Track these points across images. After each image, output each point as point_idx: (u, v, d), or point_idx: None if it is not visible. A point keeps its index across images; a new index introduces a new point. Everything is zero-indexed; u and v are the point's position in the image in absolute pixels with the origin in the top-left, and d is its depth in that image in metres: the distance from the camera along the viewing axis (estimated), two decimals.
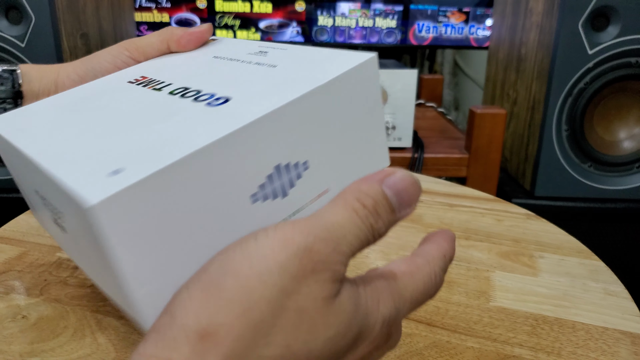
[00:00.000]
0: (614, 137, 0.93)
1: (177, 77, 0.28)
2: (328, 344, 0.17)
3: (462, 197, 0.57)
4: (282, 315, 0.16)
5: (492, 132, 0.93)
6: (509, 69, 1.08)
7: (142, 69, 0.31)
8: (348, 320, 0.18)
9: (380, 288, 0.20)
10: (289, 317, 0.16)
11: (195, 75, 0.27)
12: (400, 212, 0.20)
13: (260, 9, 1.25)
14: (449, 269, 0.41)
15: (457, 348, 0.31)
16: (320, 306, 0.17)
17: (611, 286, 0.39)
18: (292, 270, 0.16)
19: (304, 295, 0.17)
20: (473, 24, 1.27)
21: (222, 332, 0.15)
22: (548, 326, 0.34)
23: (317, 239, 0.17)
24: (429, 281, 0.21)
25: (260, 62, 0.27)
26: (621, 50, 0.85)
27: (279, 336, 0.16)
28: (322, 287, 0.17)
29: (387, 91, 0.93)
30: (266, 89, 0.23)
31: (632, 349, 0.32)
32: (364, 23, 1.27)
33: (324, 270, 0.17)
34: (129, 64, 0.33)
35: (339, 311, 0.18)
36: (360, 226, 0.19)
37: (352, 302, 0.18)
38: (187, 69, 0.29)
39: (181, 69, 0.30)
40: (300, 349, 0.17)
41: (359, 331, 0.19)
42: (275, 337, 0.16)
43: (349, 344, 0.18)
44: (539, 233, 0.48)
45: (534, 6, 0.96)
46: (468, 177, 0.97)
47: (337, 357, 0.18)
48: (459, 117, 1.87)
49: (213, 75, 0.27)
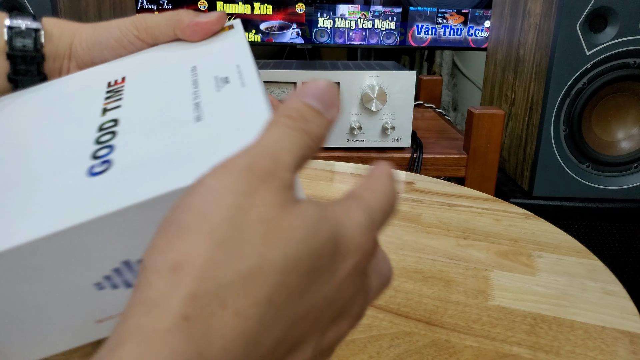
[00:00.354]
0: (612, 137, 0.93)
1: (131, 96, 0.27)
2: (302, 247, 0.17)
3: (460, 197, 0.57)
4: (246, 229, 0.16)
5: (490, 132, 0.94)
6: (507, 70, 1.08)
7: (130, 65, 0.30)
8: (316, 222, 0.18)
9: (345, 202, 0.20)
10: (253, 229, 0.16)
11: (141, 100, 0.26)
12: (327, 113, 0.20)
13: (260, 10, 1.25)
14: (447, 269, 0.41)
15: (455, 347, 0.32)
16: (281, 212, 0.17)
17: (609, 285, 0.39)
18: (241, 188, 0.17)
19: (261, 207, 0.17)
20: (471, 26, 1.28)
21: (190, 258, 0.15)
22: (546, 325, 0.34)
23: (257, 157, 0.18)
24: (387, 190, 0.21)
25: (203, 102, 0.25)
26: (619, 51, 0.85)
27: (249, 248, 0.16)
28: (276, 195, 0.17)
29: (386, 92, 0.94)
30: (155, 162, 0.22)
31: (631, 348, 0.32)
32: (363, 25, 1.27)
33: (272, 180, 0.17)
34: (135, 44, 0.32)
35: (302, 215, 0.18)
36: (293, 134, 0.19)
37: (315, 208, 0.18)
38: (147, 84, 0.28)
39: (144, 83, 0.28)
40: (275, 255, 0.16)
41: (335, 237, 0.18)
42: (246, 250, 0.16)
43: (328, 248, 0.18)
44: (537, 233, 0.49)
45: (532, 8, 0.96)
46: (466, 177, 0.97)
47: (322, 264, 0.18)
48: (458, 117, 1.87)
49: (147, 109, 0.26)
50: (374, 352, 0.31)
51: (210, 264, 0.15)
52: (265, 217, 0.17)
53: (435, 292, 0.38)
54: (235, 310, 0.15)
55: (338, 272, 0.18)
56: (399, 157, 0.96)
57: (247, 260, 0.16)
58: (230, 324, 0.15)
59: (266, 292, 0.16)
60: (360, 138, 0.97)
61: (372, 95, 0.93)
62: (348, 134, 0.97)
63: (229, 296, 0.15)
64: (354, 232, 0.19)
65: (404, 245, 0.45)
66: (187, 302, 0.15)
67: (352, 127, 0.95)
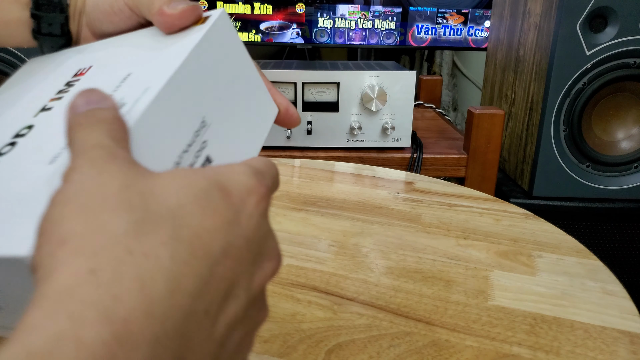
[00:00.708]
0: (612, 137, 0.93)
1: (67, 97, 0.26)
2: (182, 194, 0.17)
3: (460, 197, 0.57)
4: (116, 194, 0.16)
5: (490, 132, 0.94)
6: (507, 70, 1.08)
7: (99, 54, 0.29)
8: (185, 174, 0.18)
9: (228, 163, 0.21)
10: (124, 195, 0.16)
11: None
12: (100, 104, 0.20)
13: (260, 10, 1.25)
14: (447, 269, 0.41)
15: (456, 347, 0.32)
16: (141, 178, 0.17)
17: (609, 285, 0.39)
18: (88, 173, 0.17)
19: (117, 178, 0.17)
20: (471, 26, 1.28)
21: (75, 227, 0.16)
22: (546, 325, 0.34)
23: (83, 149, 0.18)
24: (267, 163, 0.22)
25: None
26: (619, 51, 0.85)
27: (130, 205, 0.16)
28: (127, 168, 0.17)
29: (387, 92, 0.94)
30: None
31: (631, 347, 0.32)
32: (363, 25, 1.27)
33: (114, 158, 0.17)
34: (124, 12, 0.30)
35: (164, 177, 0.18)
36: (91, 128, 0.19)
37: (180, 170, 0.19)
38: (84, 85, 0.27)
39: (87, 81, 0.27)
40: (158, 209, 0.16)
41: (216, 182, 0.18)
42: (127, 206, 0.16)
43: (214, 191, 0.18)
44: (537, 233, 0.49)
45: (532, 8, 0.96)
46: (466, 177, 0.97)
47: (217, 205, 0.18)
48: (458, 117, 1.87)
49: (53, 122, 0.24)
50: (374, 352, 0.31)
51: (98, 225, 0.15)
52: (128, 184, 0.17)
53: (435, 292, 0.38)
54: (143, 252, 0.15)
55: (242, 212, 0.19)
56: (399, 157, 0.96)
57: (134, 212, 0.16)
58: (142, 266, 0.15)
59: (167, 233, 0.16)
60: (360, 138, 0.97)
61: (372, 95, 0.93)
62: (348, 134, 0.97)
63: (130, 242, 0.15)
64: (241, 177, 0.19)
65: (404, 245, 0.45)
66: (88, 259, 0.15)
67: (352, 127, 0.95)
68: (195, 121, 0.24)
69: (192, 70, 0.24)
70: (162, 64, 0.24)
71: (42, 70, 0.30)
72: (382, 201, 0.56)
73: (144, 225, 0.16)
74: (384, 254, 0.44)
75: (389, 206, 0.54)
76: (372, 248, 0.45)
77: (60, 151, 0.22)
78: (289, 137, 0.96)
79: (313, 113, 0.95)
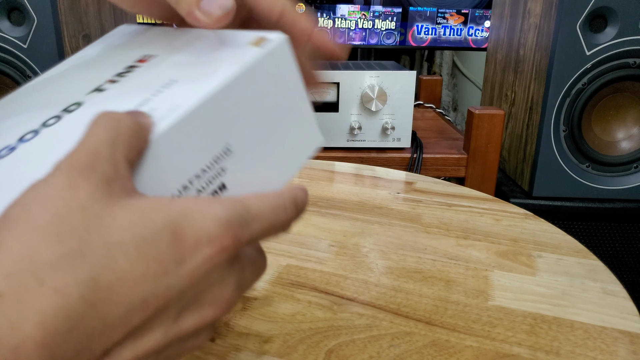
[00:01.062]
0: (612, 137, 0.93)
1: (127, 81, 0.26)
2: (127, 233, 0.17)
3: (460, 197, 0.57)
4: (66, 217, 0.17)
5: (490, 132, 0.94)
6: (507, 70, 1.08)
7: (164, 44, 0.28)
8: (145, 211, 0.18)
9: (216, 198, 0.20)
10: (74, 217, 0.17)
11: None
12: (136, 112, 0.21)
13: None
14: (447, 269, 0.41)
15: (455, 347, 0.32)
16: (104, 203, 0.17)
17: (609, 285, 0.39)
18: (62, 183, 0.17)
19: (82, 198, 0.17)
20: (471, 26, 1.28)
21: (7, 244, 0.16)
22: (546, 325, 0.34)
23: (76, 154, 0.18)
24: (278, 204, 0.21)
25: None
26: (619, 51, 0.85)
27: (69, 233, 0.16)
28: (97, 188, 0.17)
29: (387, 92, 0.94)
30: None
31: (631, 348, 0.32)
32: (363, 25, 1.27)
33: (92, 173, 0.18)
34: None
35: (129, 204, 0.18)
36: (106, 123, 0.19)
37: (148, 199, 0.18)
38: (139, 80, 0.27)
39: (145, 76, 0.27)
40: (96, 240, 0.17)
41: (173, 226, 0.18)
42: (66, 234, 0.16)
43: (163, 236, 0.18)
44: (537, 233, 0.49)
45: (532, 8, 0.96)
46: (466, 177, 0.97)
47: (158, 252, 0.17)
48: (458, 117, 1.87)
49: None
50: (374, 352, 0.31)
51: (27, 247, 0.16)
52: (87, 207, 0.17)
53: (435, 292, 0.38)
54: (54, 287, 0.15)
55: (186, 262, 0.18)
56: (399, 157, 0.96)
57: (67, 243, 0.16)
58: (48, 300, 0.15)
59: (89, 273, 0.16)
60: (360, 138, 0.97)
61: (372, 95, 0.93)
62: (348, 134, 0.97)
63: (46, 274, 0.15)
64: (206, 222, 0.19)
65: (404, 245, 0.45)
66: (1, 280, 0.15)
67: (352, 127, 0.95)
68: (217, 148, 0.23)
69: (229, 98, 0.23)
70: (202, 80, 0.23)
71: (117, 45, 0.30)
72: (382, 201, 0.56)
73: (69, 259, 0.16)
74: (384, 254, 0.44)
75: (389, 206, 0.54)
76: (372, 248, 0.45)
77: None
78: None
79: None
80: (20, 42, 0.83)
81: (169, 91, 0.23)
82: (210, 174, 0.23)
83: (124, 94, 0.24)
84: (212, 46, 0.26)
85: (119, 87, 0.25)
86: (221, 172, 0.23)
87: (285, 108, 0.26)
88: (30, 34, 0.83)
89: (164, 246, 0.18)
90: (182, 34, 0.29)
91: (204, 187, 0.23)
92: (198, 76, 0.24)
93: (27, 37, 0.83)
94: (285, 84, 0.25)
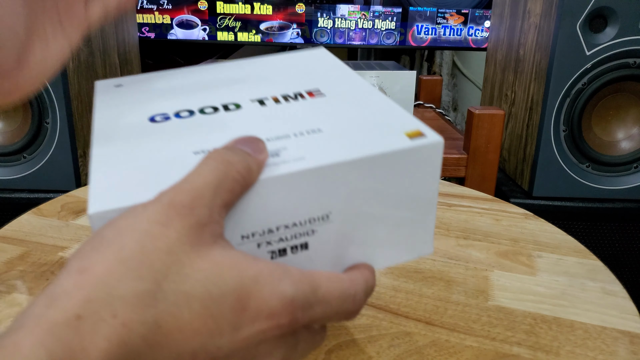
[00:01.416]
0: (612, 137, 0.93)
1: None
2: (199, 287, 0.18)
3: (460, 197, 0.57)
4: (150, 254, 0.18)
5: (490, 132, 0.94)
6: (507, 70, 1.08)
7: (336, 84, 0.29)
8: (223, 269, 0.19)
9: (290, 270, 0.20)
10: (157, 256, 0.18)
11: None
12: (255, 154, 0.21)
13: (260, 10, 1.25)
14: (447, 269, 0.41)
15: (455, 347, 0.32)
16: (190, 249, 0.18)
17: (609, 285, 0.39)
18: (157, 218, 0.18)
19: (171, 238, 0.18)
20: (471, 26, 1.28)
21: (95, 267, 0.17)
22: (546, 325, 0.34)
23: (179, 191, 0.19)
24: (348, 293, 0.22)
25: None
26: (619, 51, 0.85)
27: (148, 272, 0.17)
28: (189, 231, 0.18)
29: (387, 92, 0.94)
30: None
31: (631, 348, 0.32)
32: (363, 25, 1.27)
33: (189, 215, 0.19)
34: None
35: (210, 258, 0.19)
36: (216, 166, 0.20)
37: (230, 256, 0.19)
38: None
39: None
40: (169, 286, 0.18)
41: (241, 292, 0.19)
42: (145, 272, 0.17)
43: (230, 299, 0.18)
44: (537, 233, 0.49)
45: (532, 8, 0.96)
46: (466, 177, 0.97)
47: (221, 312, 0.18)
48: (458, 117, 1.87)
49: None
50: (374, 353, 0.31)
51: (109, 276, 0.17)
52: (173, 250, 0.18)
53: (435, 292, 0.38)
54: (123, 322, 0.17)
55: (242, 329, 0.19)
56: None
57: (144, 282, 0.17)
58: (116, 331, 0.16)
59: (154, 315, 0.17)
60: None
61: None
62: None
63: (120, 308, 0.17)
64: (271, 297, 0.19)
65: None
66: (82, 303, 0.16)
67: None
68: (319, 211, 0.23)
69: (357, 172, 0.22)
70: (341, 145, 0.23)
71: (293, 63, 0.32)
72: None
73: (142, 299, 0.17)
74: None
75: None
76: None
77: (209, 150, 0.22)
78: None
79: None
80: None
81: (309, 138, 0.23)
82: (298, 230, 0.22)
83: (275, 119, 0.25)
84: (372, 112, 0.26)
85: (277, 109, 0.26)
86: (310, 233, 0.23)
87: (409, 204, 0.25)
88: None
89: (227, 309, 0.19)
90: (356, 84, 0.29)
91: (286, 238, 0.22)
92: (341, 138, 0.23)
93: None
94: (420, 182, 0.24)
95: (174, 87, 0.29)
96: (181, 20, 1.26)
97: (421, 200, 0.25)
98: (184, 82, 0.30)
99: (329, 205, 0.23)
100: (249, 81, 0.29)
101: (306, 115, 0.26)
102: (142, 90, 0.29)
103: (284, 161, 0.22)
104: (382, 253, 0.25)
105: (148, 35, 1.27)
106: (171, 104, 0.27)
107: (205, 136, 0.24)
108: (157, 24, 1.26)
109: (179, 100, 0.27)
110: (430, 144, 0.23)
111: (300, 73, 0.31)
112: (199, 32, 1.27)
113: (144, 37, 1.27)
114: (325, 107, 0.27)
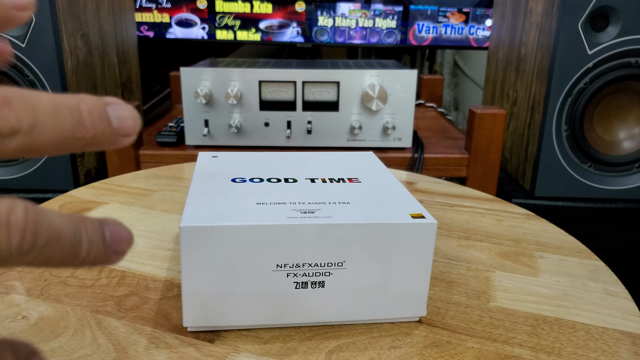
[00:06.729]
0: (614, 137, 0.93)
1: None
2: None
3: (462, 197, 0.57)
4: None
5: (491, 132, 0.94)
6: (508, 69, 1.08)
7: (372, 175, 0.40)
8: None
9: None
10: None
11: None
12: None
13: (260, 9, 1.25)
14: (449, 270, 0.41)
15: (457, 348, 0.31)
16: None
17: (611, 286, 0.39)
18: None
19: None
20: (473, 25, 1.27)
21: None
22: (548, 326, 0.34)
23: None
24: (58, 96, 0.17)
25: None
26: (621, 50, 0.85)
27: None
28: None
29: (387, 91, 0.93)
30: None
31: (633, 349, 0.32)
32: (364, 23, 1.27)
33: None
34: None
35: None
36: None
37: None
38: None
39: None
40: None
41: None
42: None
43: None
44: (538, 233, 0.48)
45: (533, 6, 0.96)
46: (468, 177, 0.97)
47: None
48: (459, 117, 1.87)
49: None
50: (375, 354, 0.30)
51: None
52: None
53: (437, 292, 0.38)
54: None
55: None
56: (400, 157, 0.95)
57: None
58: None
59: None
60: (361, 138, 0.97)
61: (373, 95, 0.93)
62: (348, 133, 0.96)
63: None
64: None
65: None
66: None
67: (353, 126, 0.95)
68: (337, 258, 0.31)
69: (368, 233, 0.30)
70: (361, 212, 0.31)
71: (347, 159, 0.44)
72: None
73: None
74: None
75: None
76: None
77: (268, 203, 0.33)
78: (288, 137, 0.96)
79: (313, 112, 0.95)
80: (18, 41, 0.83)
81: (339, 206, 0.32)
82: (319, 270, 0.31)
83: (318, 191, 0.35)
84: (391, 197, 0.35)
85: (322, 186, 0.36)
86: (327, 274, 0.31)
87: (407, 267, 0.32)
88: (28, 33, 0.83)
89: None
90: (387, 178, 0.39)
91: (309, 274, 0.31)
92: (362, 210, 0.32)
93: (25, 36, 0.83)
94: (417, 253, 0.31)
95: (254, 162, 0.41)
96: (180, 19, 1.26)
97: (417, 267, 0.32)
98: (263, 161, 0.42)
99: (345, 255, 0.30)
100: (309, 166, 0.41)
101: (342, 192, 0.35)
102: (231, 161, 0.41)
103: (316, 217, 0.30)
104: (384, 306, 0.32)
105: (147, 34, 1.27)
106: (249, 172, 0.39)
107: (267, 194, 0.34)
108: (156, 22, 1.26)
109: (255, 171, 0.39)
110: (426, 223, 0.31)
111: (348, 165, 0.42)
112: (198, 30, 1.27)
113: (143, 36, 1.27)
114: (358, 189, 0.36)
